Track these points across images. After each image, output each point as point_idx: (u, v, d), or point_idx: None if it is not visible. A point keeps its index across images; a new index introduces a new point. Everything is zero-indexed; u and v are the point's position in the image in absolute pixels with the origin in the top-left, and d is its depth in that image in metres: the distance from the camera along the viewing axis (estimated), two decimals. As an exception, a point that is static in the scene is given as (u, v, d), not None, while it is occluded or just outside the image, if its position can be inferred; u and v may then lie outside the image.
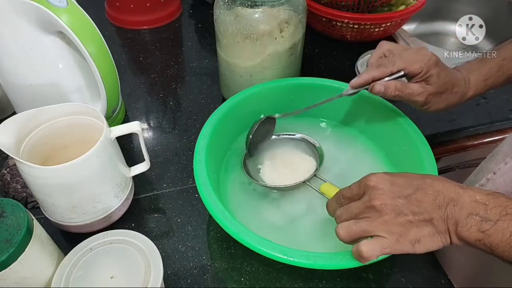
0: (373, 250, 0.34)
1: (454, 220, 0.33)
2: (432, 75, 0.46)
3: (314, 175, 0.51)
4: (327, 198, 0.46)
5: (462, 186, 0.35)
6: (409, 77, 0.47)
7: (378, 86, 0.47)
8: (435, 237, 0.34)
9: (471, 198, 0.33)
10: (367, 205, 0.35)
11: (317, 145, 0.55)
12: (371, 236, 0.35)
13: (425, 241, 0.34)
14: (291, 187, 0.50)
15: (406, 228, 0.34)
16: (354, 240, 0.36)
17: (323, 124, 0.61)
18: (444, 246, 0.34)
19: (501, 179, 0.49)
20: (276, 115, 0.54)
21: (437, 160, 0.69)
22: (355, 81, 0.48)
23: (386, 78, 0.47)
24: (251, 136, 0.52)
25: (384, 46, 0.49)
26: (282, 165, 0.54)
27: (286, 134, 0.57)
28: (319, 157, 0.54)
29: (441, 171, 0.72)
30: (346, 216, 0.37)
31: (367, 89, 0.48)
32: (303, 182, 0.51)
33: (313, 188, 0.49)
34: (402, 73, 0.47)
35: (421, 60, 0.46)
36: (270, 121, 0.54)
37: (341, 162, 0.55)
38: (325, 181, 0.49)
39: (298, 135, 0.57)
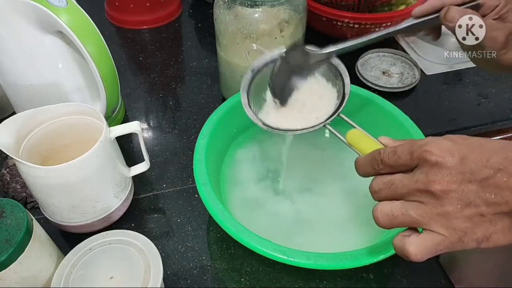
0: (425, 253, 0.27)
1: None
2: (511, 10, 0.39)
3: (338, 115, 0.38)
4: (354, 151, 0.35)
5: None
6: (484, 11, 0.41)
7: (453, 11, 0.39)
8: (510, 233, 0.26)
9: None
10: (421, 188, 0.27)
11: (342, 67, 0.42)
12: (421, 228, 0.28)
13: (496, 237, 0.26)
14: (305, 131, 0.39)
15: (474, 224, 0.26)
16: (396, 228, 0.29)
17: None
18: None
19: None
20: (310, 48, 0.40)
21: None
22: (419, 8, 0.41)
23: (460, 8, 0.40)
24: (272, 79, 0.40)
25: None
26: (294, 101, 0.42)
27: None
28: (343, 86, 0.40)
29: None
30: (386, 194, 0.29)
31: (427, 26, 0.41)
32: (324, 125, 0.38)
33: (337, 135, 0.37)
34: (477, 1, 0.40)
35: None
36: (300, 55, 0.40)
37: (340, 162, 0.55)
38: (354, 126, 0.37)
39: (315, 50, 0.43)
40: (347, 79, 0.41)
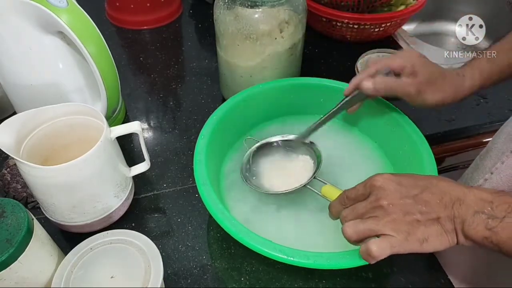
0: (383, 249, 0.34)
1: (460, 219, 0.33)
2: (418, 65, 0.47)
3: (314, 178, 0.50)
4: (328, 200, 0.45)
5: (467, 186, 0.35)
6: (397, 74, 0.48)
7: (366, 83, 0.47)
8: (443, 237, 0.34)
9: (477, 197, 0.34)
10: (374, 205, 0.36)
11: (314, 144, 0.54)
12: (378, 236, 0.35)
13: (432, 240, 0.34)
14: (291, 191, 0.49)
15: (414, 227, 0.34)
16: (361, 240, 0.36)
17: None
18: (451, 246, 0.34)
19: (497, 177, 0.49)
20: (274, 141, 0.55)
21: (441, 160, 0.69)
22: (346, 89, 0.51)
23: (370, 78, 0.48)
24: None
25: None
26: (281, 169, 0.53)
27: (280, 137, 0.55)
28: (317, 157, 0.52)
29: (443, 171, 0.72)
30: (352, 216, 0.37)
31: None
32: (304, 185, 0.49)
33: (314, 191, 0.48)
34: (388, 70, 0.48)
35: (404, 55, 0.48)
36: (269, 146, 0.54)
37: (340, 163, 0.55)
38: (325, 183, 0.48)
39: (291, 136, 0.55)
40: (317, 150, 0.53)
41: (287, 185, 0.50)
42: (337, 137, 0.59)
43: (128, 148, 0.61)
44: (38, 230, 0.39)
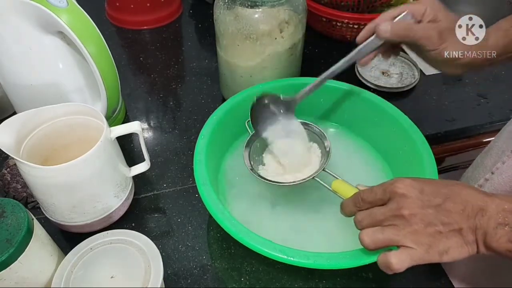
0: (403, 262, 0.33)
1: (482, 231, 0.32)
2: (440, 11, 0.44)
3: (323, 170, 0.47)
4: (339, 196, 0.43)
5: (487, 194, 0.34)
6: (416, 18, 0.45)
7: (384, 26, 0.44)
8: (463, 248, 0.33)
9: (499, 207, 0.32)
10: (394, 214, 0.34)
11: (322, 133, 0.52)
12: (397, 246, 0.34)
13: (453, 251, 0.33)
14: (299, 183, 0.47)
15: (435, 239, 0.33)
16: (379, 248, 0.35)
17: (320, 125, 0.61)
18: (469, 256, 0.34)
19: (499, 178, 0.49)
20: (281, 96, 0.51)
21: (441, 160, 0.69)
22: (360, 34, 0.47)
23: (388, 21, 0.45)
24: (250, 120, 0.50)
25: None
26: (287, 158, 0.51)
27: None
28: (325, 148, 0.50)
29: (443, 171, 0.72)
30: (368, 222, 0.36)
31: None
32: (312, 178, 0.47)
33: (324, 185, 0.45)
34: (405, 13, 0.44)
35: (424, 1, 0.44)
36: (274, 101, 0.51)
37: (339, 163, 0.55)
38: (336, 177, 0.45)
39: (296, 121, 0.53)
40: (327, 142, 0.51)
41: (294, 175, 0.49)
42: (334, 138, 0.59)
43: (128, 148, 0.61)
44: (38, 230, 0.39)
